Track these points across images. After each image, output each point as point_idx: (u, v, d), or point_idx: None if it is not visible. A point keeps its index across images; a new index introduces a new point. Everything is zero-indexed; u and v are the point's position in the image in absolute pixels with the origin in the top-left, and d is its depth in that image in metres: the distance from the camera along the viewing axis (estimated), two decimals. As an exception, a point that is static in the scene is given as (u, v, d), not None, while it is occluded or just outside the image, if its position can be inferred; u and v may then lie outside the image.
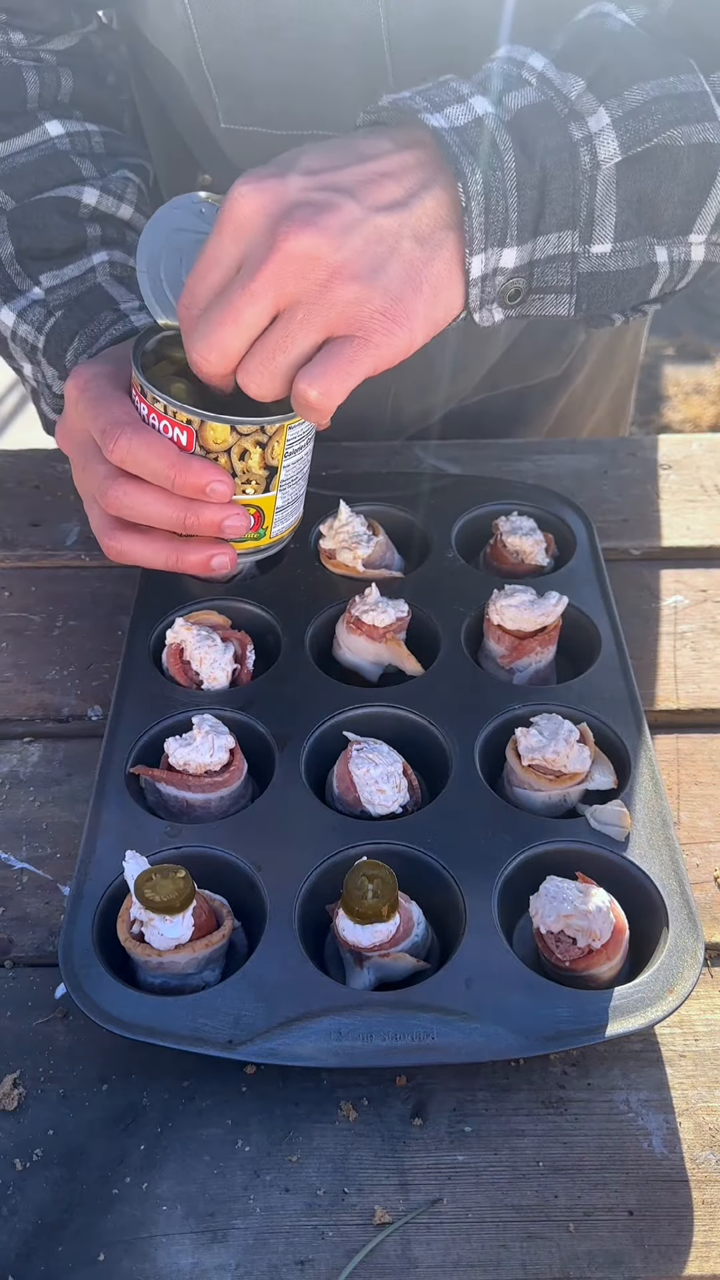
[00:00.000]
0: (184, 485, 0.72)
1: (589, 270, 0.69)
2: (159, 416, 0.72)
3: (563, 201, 0.66)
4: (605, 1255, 0.60)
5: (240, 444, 0.72)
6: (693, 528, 1.07)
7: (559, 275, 0.69)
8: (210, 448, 0.72)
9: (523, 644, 0.87)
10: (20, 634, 0.98)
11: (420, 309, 0.65)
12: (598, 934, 0.67)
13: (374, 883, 0.68)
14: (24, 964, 0.74)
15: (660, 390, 3.24)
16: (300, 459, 0.77)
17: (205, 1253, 0.61)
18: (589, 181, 0.66)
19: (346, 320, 0.64)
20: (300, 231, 0.62)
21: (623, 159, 0.66)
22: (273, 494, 0.76)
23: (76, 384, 0.77)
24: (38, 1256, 0.61)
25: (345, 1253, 0.61)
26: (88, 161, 0.93)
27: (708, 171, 0.68)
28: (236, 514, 0.74)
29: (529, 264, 0.68)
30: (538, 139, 0.65)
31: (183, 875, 0.68)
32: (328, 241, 0.62)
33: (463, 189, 0.64)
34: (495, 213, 0.65)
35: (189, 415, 0.71)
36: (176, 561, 0.76)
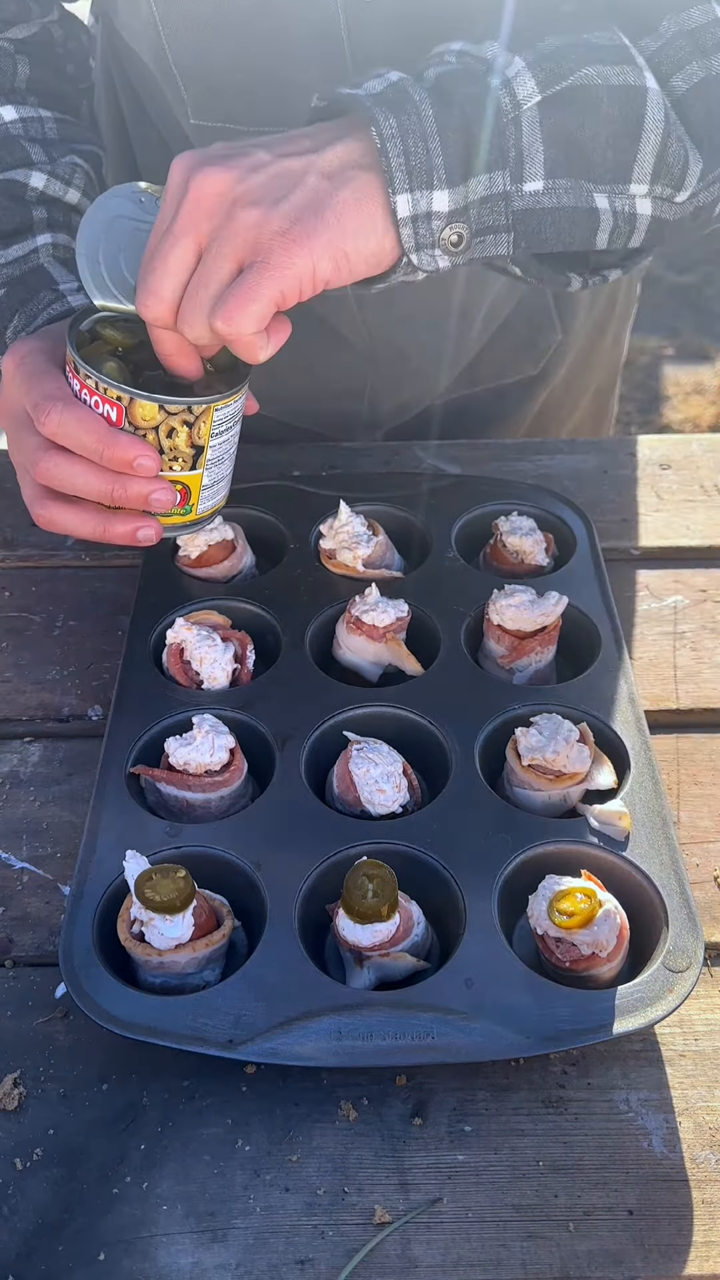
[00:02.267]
0: (112, 459, 0.75)
1: (523, 207, 0.70)
2: (90, 392, 0.76)
3: (489, 142, 0.68)
4: (605, 1255, 0.60)
5: (168, 422, 0.76)
6: (693, 528, 1.07)
7: (494, 215, 0.71)
8: (139, 424, 0.76)
9: (523, 644, 0.87)
10: (20, 634, 0.98)
11: (322, 232, 0.66)
12: (604, 944, 0.67)
13: (374, 882, 0.68)
14: (24, 964, 0.74)
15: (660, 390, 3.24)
16: (227, 440, 0.80)
17: (205, 1252, 0.61)
18: (513, 123, 0.68)
19: (250, 245, 0.66)
20: (209, 172, 0.67)
21: (541, 98, 0.68)
22: (199, 472, 0.79)
23: (13, 359, 0.81)
24: (38, 1256, 0.61)
25: (345, 1252, 0.61)
26: (38, 146, 0.95)
27: (633, 114, 0.70)
28: (163, 489, 0.77)
29: (464, 207, 0.70)
30: (456, 89, 0.68)
31: (183, 875, 0.68)
32: (233, 177, 0.66)
33: (376, 133, 0.67)
34: (415, 154, 0.67)
35: (119, 392, 0.75)
36: (104, 532, 0.79)
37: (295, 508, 1.02)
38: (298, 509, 1.02)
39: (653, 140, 0.71)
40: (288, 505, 1.02)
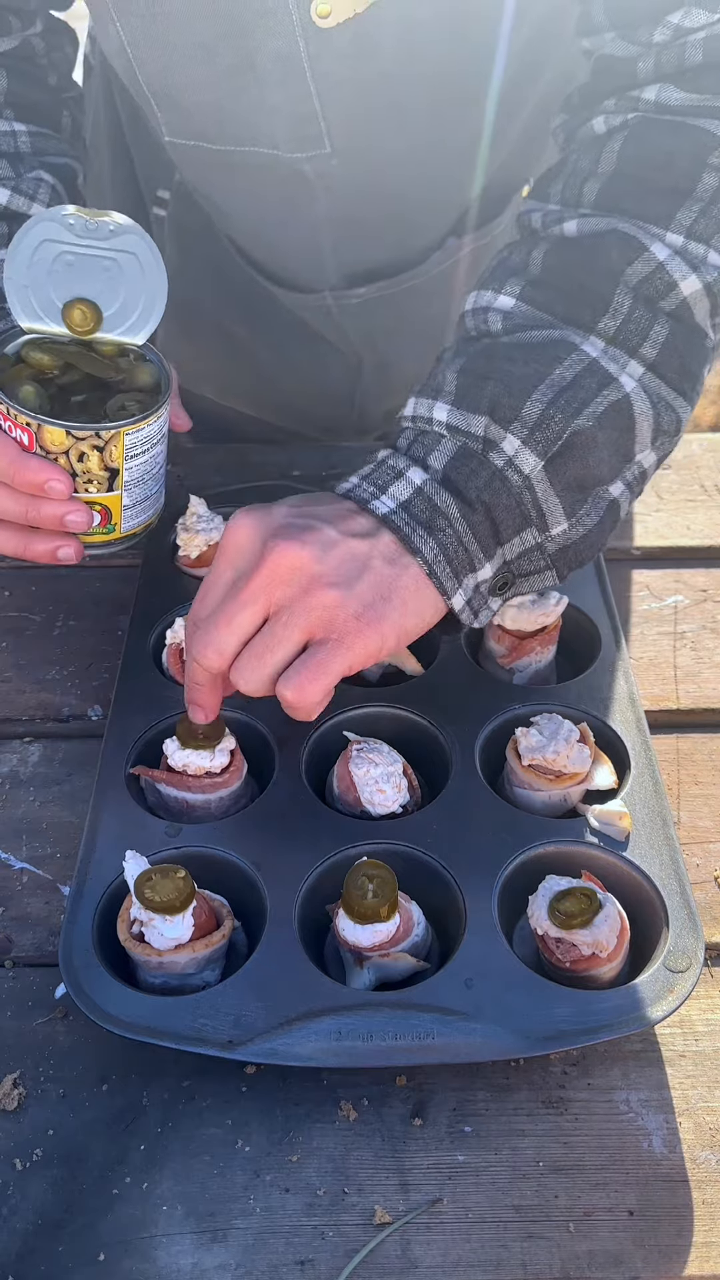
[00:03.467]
0: (22, 482, 0.77)
1: (557, 548, 0.76)
2: (3, 418, 0.77)
3: (509, 515, 0.73)
4: (605, 1255, 0.60)
5: (77, 447, 0.76)
6: (693, 528, 1.07)
7: (534, 562, 0.76)
8: (49, 449, 0.76)
9: (523, 644, 0.87)
10: (20, 634, 0.98)
11: (390, 615, 0.71)
12: (604, 944, 0.67)
13: (374, 883, 0.68)
14: (24, 964, 0.74)
15: (660, 390, 3.24)
16: (145, 461, 0.80)
17: (205, 1253, 0.61)
18: (526, 489, 0.73)
19: (325, 623, 0.70)
20: (286, 546, 0.70)
21: (545, 463, 0.73)
22: (117, 493, 0.80)
23: None
24: (38, 1256, 0.61)
25: (345, 1253, 0.61)
26: (5, 162, 0.94)
27: (624, 422, 0.74)
28: (77, 510, 0.78)
29: (504, 565, 0.75)
30: (469, 483, 0.73)
31: (183, 875, 0.68)
32: (309, 554, 0.70)
33: (421, 560, 0.72)
34: (456, 559, 0.73)
35: (28, 418, 0.76)
36: (24, 550, 0.81)
37: (295, 508, 1.02)
38: (298, 509, 1.02)
39: (645, 426, 0.75)
40: (288, 505, 1.02)
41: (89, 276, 0.81)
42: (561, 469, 0.73)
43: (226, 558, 0.73)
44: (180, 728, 0.78)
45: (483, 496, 0.73)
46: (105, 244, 0.81)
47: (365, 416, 1.18)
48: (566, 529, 0.75)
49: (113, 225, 0.81)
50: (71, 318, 0.80)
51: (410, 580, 0.72)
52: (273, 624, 0.71)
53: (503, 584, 0.76)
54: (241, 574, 0.71)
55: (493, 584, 0.76)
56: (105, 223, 0.81)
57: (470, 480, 0.73)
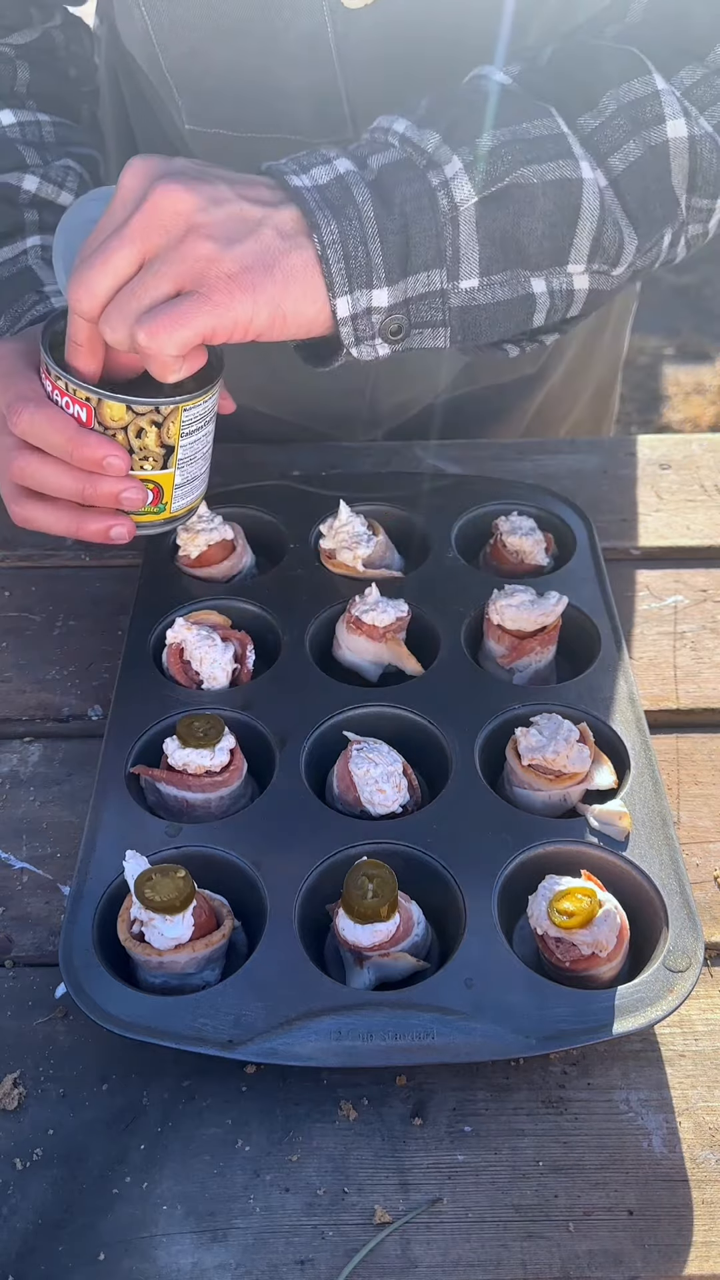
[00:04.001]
0: (81, 458, 0.77)
1: (460, 304, 0.73)
2: (61, 393, 0.77)
3: (426, 243, 0.71)
4: (605, 1255, 0.60)
5: (136, 423, 0.77)
6: (693, 528, 1.08)
7: (432, 311, 0.73)
8: (108, 425, 0.77)
9: (523, 644, 0.87)
10: (20, 634, 0.98)
11: (268, 288, 0.68)
12: (604, 944, 0.67)
13: (374, 882, 0.68)
14: (24, 964, 0.74)
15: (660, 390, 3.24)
16: (198, 439, 0.81)
17: (205, 1252, 0.61)
18: (450, 223, 0.71)
19: (194, 276, 0.68)
20: (170, 188, 0.67)
21: (479, 199, 0.71)
22: (170, 471, 0.80)
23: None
24: (38, 1255, 0.61)
25: (345, 1252, 0.61)
26: (33, 150, 0.96)
27: (569, 205, 0.73)
28: (133, 487, 0.78)
29: (404, 302, 0.72)
30: (396, 188, 0.70)
31: (183, 875, 0.68)
32: (194, 201, 0.67)
33: (318, 240, 0.69)
34: (355, 258, 0.69)
35: (88, 393, 0.76)
36: (77, 529, 0.81)
37: (295, 508, 1.02)
38: (298, 509, 1.02)
39: (588, 226, 0.73)
40: (288, 505, 1.02)
41: None
42: (491, 214, 0.71)
43: (119, 198, 0.71)
44: (180, 727, 0.78)
45: (405, 207, 0.70)
46: None
47: (376, 409, 1.18)
48: (476, 286, 0.72)
49: None
50: None
51: (299, 260, 0.69)
52: (144, 271, 0.69)
53: (397, 328, 0.73)
54: (124, 215, 0.70)
55: (386, 320, 0.72)
56: None
57: (399, 187, 0.70)
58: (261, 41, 0.85)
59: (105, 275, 0.69)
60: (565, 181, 0.72)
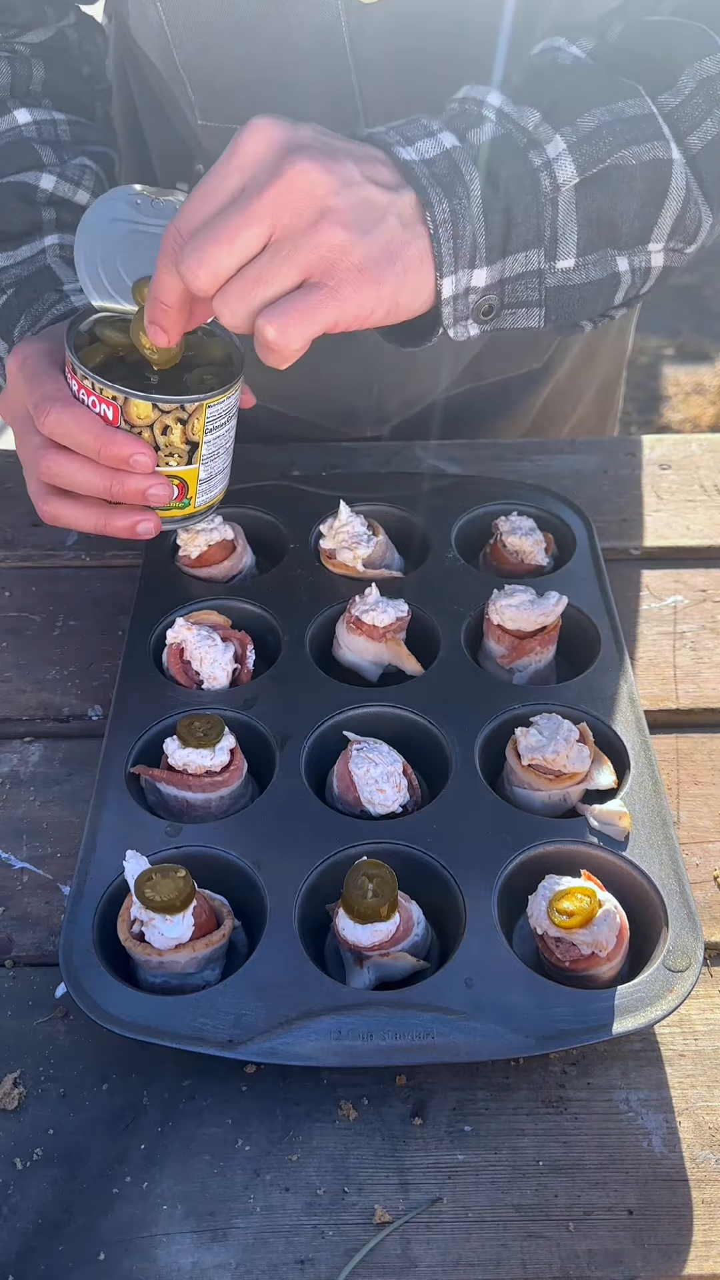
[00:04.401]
0: (108, 456, 0.77)
1: (556, 284, 0.74)
2: (88, 392, 0.78)
3: (527, 224, 0.71)
4: (605, 1254, 0.60)
5: (162, 420, 0.77)
6: (692, 528, 1.08)
7: (528, 291, 0.73)
8: (134, 423, 0.77)
9: (523, 644, 0.87)
10: (20, 634, 0.98)
11: (391, 280, 0.68)
12: (604, 944, 0.67)
13: (374, 882, 0.68)
14: (24, 963, 0.74)
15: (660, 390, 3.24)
16: (221, 435, 0.82)
17: (205, 1252, 0.61)
18: (550, 204, 0.71)
19: (325, 266, 0.66)
20: (307, 165, 0.65)
21: (580, 180, 0.71)
22: (195, 467, 0.81)
23: (15, 360, 0.83)
24: (38, 1255, 0.61)
25: (345, 1252, 0.61)
26: (49, 149, 0.97)
27: (660, 185, 0.74)
28: (159, 484, 0.79)
29: (499, 282, 0.72)
30: (501, 168, 0.70)
31: (183, 875, 0.68)
32: (329, 183, 0.65)
33: (430, 218, 0.68)
34: (463, 238, 0.69)
35: (114, 392, 0.76)
36: (105, 525, 0.82)
37: (295, 508, 1.02)
38: (298, 509, 1.02)
39: (674, 206, 0.75)
40: (288, 505, 1.02)
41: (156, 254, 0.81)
42: (591, 196, 0.71)
43: (237, 162, 0.66)
44: (180, 727, 0.78)
45: (509, 187, 0.70)
46: None
47: (384, 405, 1.18)
48: (572, 267, 0.73)
49: (179, 204, 0.81)
50: (141, 295, 0.81)
51: (416, 252, 0.68)
52: (272, 254, 0.66)
53: (489, 308, 0.73)
54: (252, 186, 0.66)
55: (481, 300, 0.72)
56: (172, 202, 0.83)
57: (503, 166, 0.70)
58: (275, 37, 0.85)
59: (231, 253, 0.66)
60: (658, 162, 0.73)
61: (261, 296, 0.67)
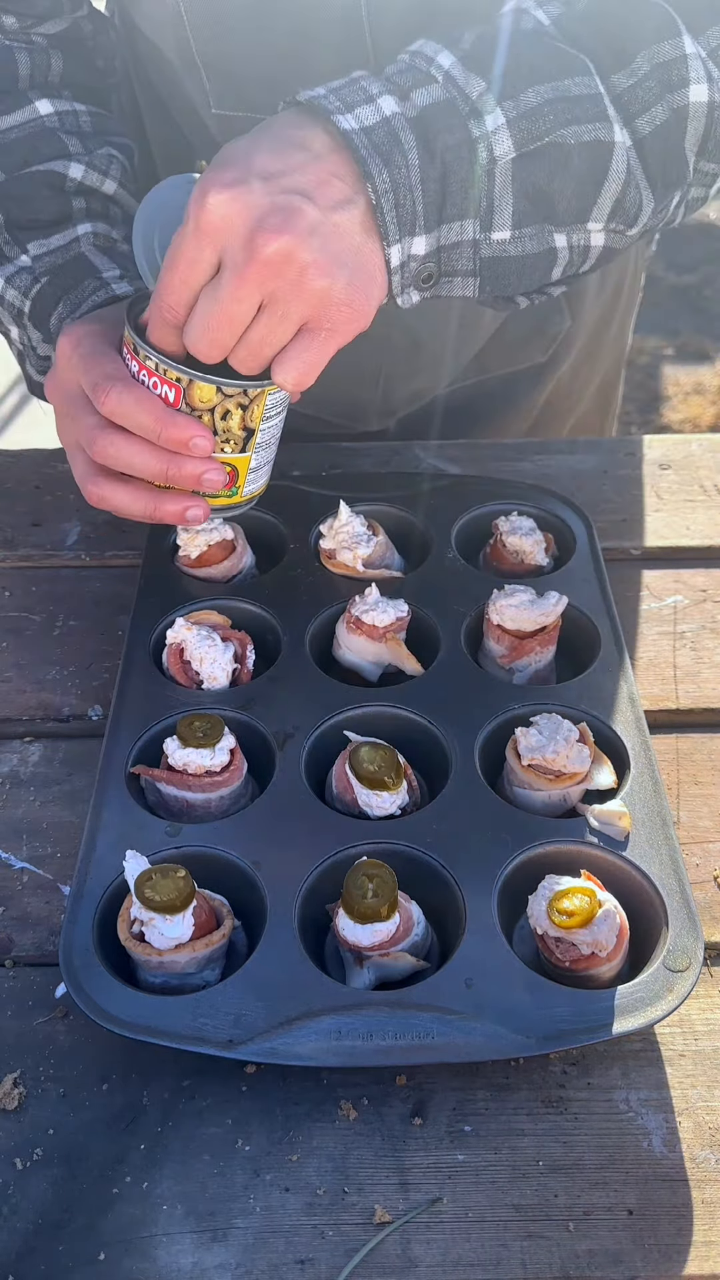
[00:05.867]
0: (169, 439, 0.77)
1: (490, 255, 0.75)
2: (149, 374, 0.77)
3: (462, 193, 0.73)
4: (605, 1254, 0.60)
5: (224, 404, 0.77)
6: (692, 528, 1.08)
7: (463, 260, 0.75)
8: (196, 406, 0.77)
9: (523, 644, 0.87)
10: (20, 634, 0.98)
11: (373, 293, 0.72)
12: (604, 944, 0.67)
13: (374, 882, 0.68)
14: (24, 963, 0.74)
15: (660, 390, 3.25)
16: (276, 424, 0.82)
17: (205, 1252, 0.61)
18: (487, 175, 0.72)
19: (318, 312, 0.71)
20: (275, 238, 0.69)
21: (517, 155, 0.72)
22: (248, 455, 0.81)
23: (69, 340, 0.83)
24: (38, 1255, 0.61)
25: (345, 1252, 0.61)
26: (75, 139, 0.97)
27: (599, 166, 0.75)
28: (215, 469, 0.79)
29: (436, 250, 0.74)
30: (438, 136, 0.71)
31: (183, 875, 0.68)
32: (299, 244, 0.69)
33: (371, 189, 0.70)
34: (404, 207, 0.71)
35: (178, 374, 0.76)
36: (155, 510, 0.81)
37: (295, 508, 1.02)
38: (298, 509, 1.02)
39: (613, 188, 0.75)
40: (288, 505, 1.02)
41: None
42: (527, 171, 0.73)
43: (205, 237, 0.70)
44: (180, 727, 0.78)
45: (446, 156, 0.71)
46: None
47: (390, 398, 1.18)
48: (507, 239, 0.74)
49: None
50: None
51: (375, 253, 0.72)
52: (269, 317, 0.71)
53: (428, 275, 0.75)
54: (230, 266, 0.70)
55: (421, 267, 0.74)
56: None
57: (442, 134, 0.72)
58: (295, 21, 0.86)
59: (233, 330, 0.72)
60: (598, 144, 0.74)
61: (269, 354, 0.73)
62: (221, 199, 0.70)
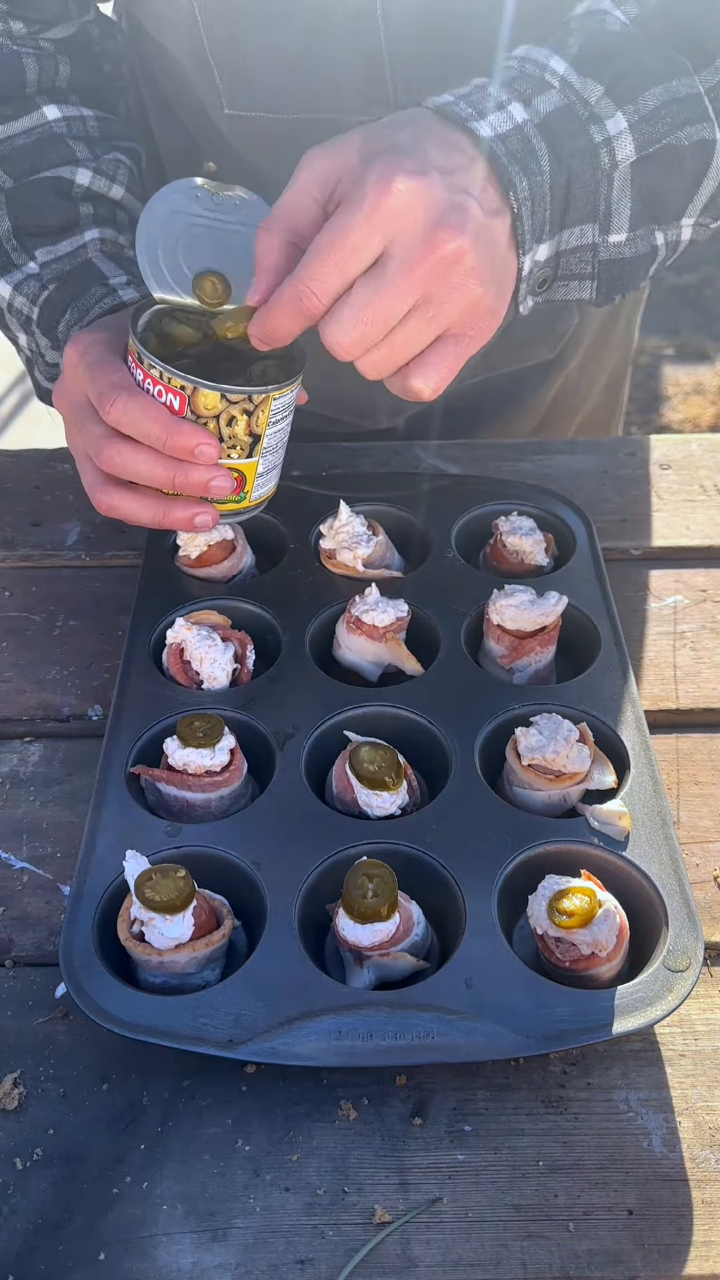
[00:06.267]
0: (174, 447, 0.77)
1: (608, 258, 0.76)
2: (154, 382, 0.77)
3: (585, 198, 0.73)
4: (605, 1254, 0.60)
5: (229, 411, 0.77)
6: (692, 528, 1.08)
7: (581, 264, 0.76)
8: (200, 413, 0.77)
9: (523, 644, 0.87)
10: (20, 634, 0.98)
11: (508, 303, 0.73)
12: (604, 944, 0.67)
13: (374, 882, 0.68)
14: (24, 963, 0.74)
15: (660, 390, 3.25)
16: (282, 428, 0.82)
17: (205, 1252, 0.61)
18: (607, 179, 0.73)
19: (464, 319, 0.70)
20: (455, 235, 0.67)
21: (637, 159, 0.73)
22: (255, 460, 0.81)
23: (76, 349, 0.83)
24: (38, 1255, 0.61)
25: (345, 1252, 0.61)
26: (82, 144, 0.97)
27: (703, 165, 0.76)
28: (221, 475, 0.79)
29: (555, 255, 0.74)
30: (564, 142, 0.72)
31: (183, 875, 0.68)
32: (470, 245, 0.68)
33: (513, 197, 0.70)
34: (538, 215, 0.72)
35: (183, 381, 0.76)
36: (163, 518, 0.81)
37: (295, 508, 1.02)
38: (298, 509, 1.02)
39: (711, 185, 0.77)
40: (288, 505, 1.02)
41: (216, 248, 0.82)
42: (645, 173, 0.73)
43: (379, 224, 0.67)
44: (180, 727, 0.78)
45: (571, 162, 0.72)
46: (231, 217, 0.83)
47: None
48: (623, 241, 0.75)
49: (238, 199, 0.83)
50: (203, 289, 0.82)
51: (511, 261, 0.71)
52: (418, 318, 0.69)
53: (544, 280, 0.75)
54: (401, 258, 0.67)
55: (540, 272, 0.74)
56: (231, 197, 0.83)
57: (566, 140, 0.72)
58: (310, 19, 0.86)
59: (386, 326, 0.69)
60: (704, 143, 0.75)
61: (407, 357, 0.71)
62: (408, 186, 0.67)
